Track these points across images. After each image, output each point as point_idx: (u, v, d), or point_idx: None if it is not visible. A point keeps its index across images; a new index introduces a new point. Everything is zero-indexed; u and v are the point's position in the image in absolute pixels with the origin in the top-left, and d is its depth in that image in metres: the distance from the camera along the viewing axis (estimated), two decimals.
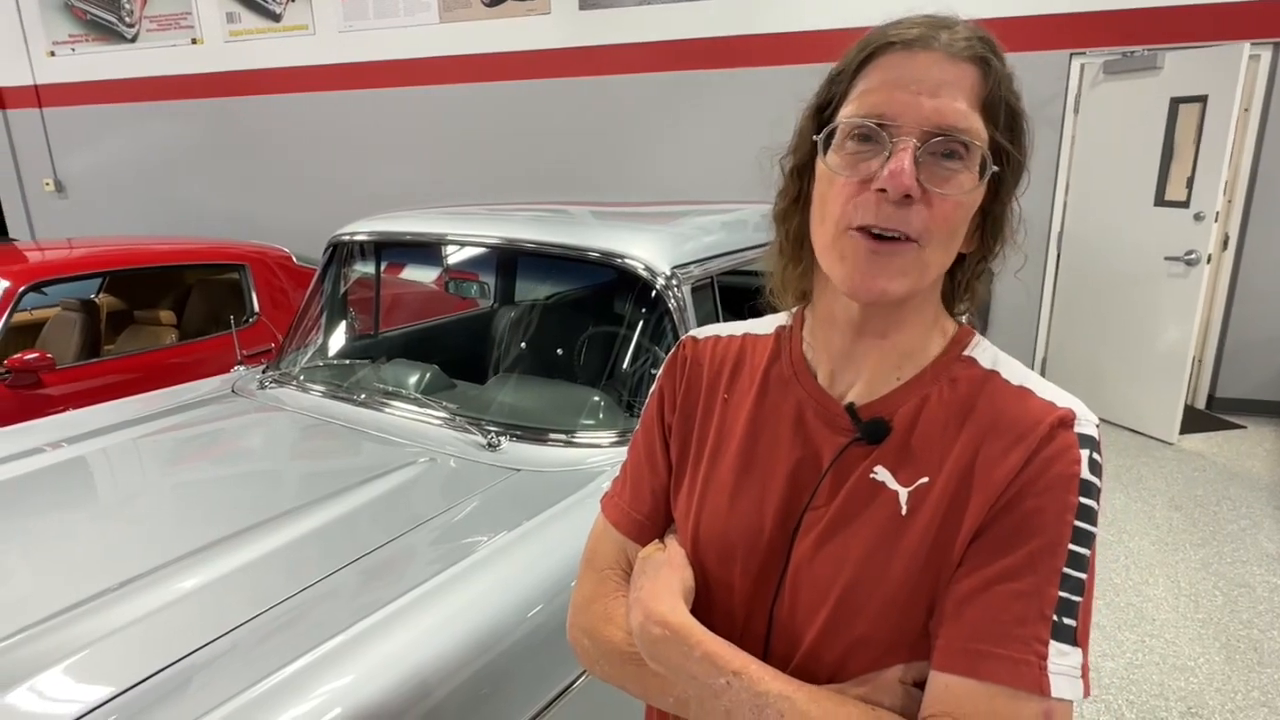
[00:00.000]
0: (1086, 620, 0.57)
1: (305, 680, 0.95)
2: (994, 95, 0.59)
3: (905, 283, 0.59)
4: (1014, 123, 0.60)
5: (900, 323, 0.63)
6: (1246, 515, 3.25)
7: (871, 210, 0.57)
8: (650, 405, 0.77)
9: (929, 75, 0.57)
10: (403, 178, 5.53)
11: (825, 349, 0.68)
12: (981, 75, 0.58)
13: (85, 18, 5.94)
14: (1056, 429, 0.58)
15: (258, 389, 2.00)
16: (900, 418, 0.63)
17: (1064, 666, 0.55)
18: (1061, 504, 0.57)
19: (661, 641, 0.63)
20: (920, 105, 0.57)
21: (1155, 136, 3.86)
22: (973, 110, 0.58)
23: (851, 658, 0.61)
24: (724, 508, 0.68)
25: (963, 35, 0.59)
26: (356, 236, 2.17)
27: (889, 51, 0.59)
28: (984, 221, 0.62)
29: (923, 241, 0.58)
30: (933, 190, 0.57)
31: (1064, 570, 0.56)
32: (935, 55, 0.57)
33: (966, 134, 0.57)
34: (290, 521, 1.33)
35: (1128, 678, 2.28)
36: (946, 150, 0.57)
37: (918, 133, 0.56)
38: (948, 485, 0.60)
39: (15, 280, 2.88)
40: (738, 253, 1.96)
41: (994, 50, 0.60)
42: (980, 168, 0.58)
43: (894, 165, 0.56)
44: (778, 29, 4.58)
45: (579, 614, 0.73)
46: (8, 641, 1.05)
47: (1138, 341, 4.08)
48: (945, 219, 0.58)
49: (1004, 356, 0.65)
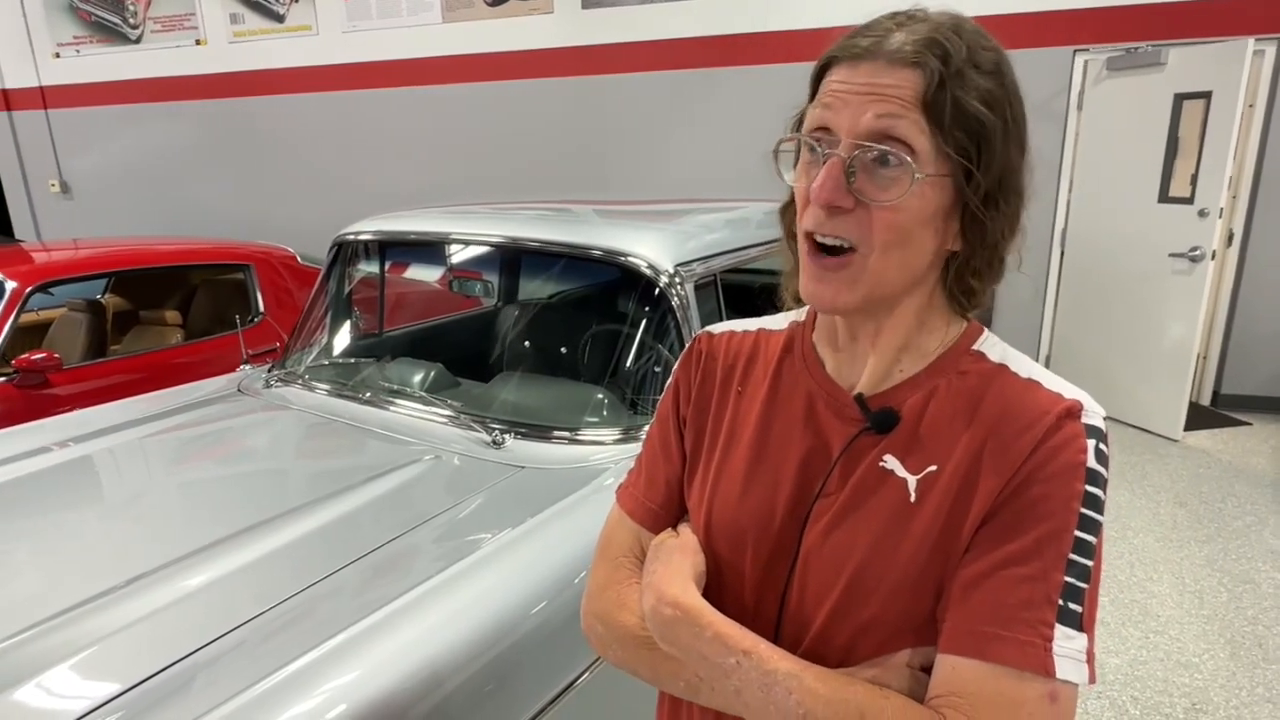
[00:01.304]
0: (1093, 607, 0.58)
1: (310, 677, 0.96)
2: (937, 97, 0.57)
3: (858, 291, 0.60)
4: (968, 122, 0.58)
5: (889, 326, 0.65)
6: (1251, 512, 3.24)
7: (812, 217, 0.61)
8: (665, 398, 0.79)
9: (865, 83, 0.58)
10: (406, 177, 5.54)
11: (830, 344, 0.70)
12: (922, 77, 0.57)
13: (90, 19, 5.96)
14: (1064, 419, 0.59)
15: (263, 388, 2.00)
16: (909, 408, 0.64)
17: (1069, 650, 0.55)
18: (1068, 491, 0.57)
19: (673, 622, 0.64)
20: (853, 116, 0.58)
21: (1159, 133, 3.84)
22: (909, 115, 0.57)
23: (860, 641, 0.62)
24: (736, 496, 0.70)
25: (912, 38, 0.58)
26: (361, 236, 2.18)
27: (836, 65, 0.61)
28: (961, 220, 0.62)
29: (863, 250, 0.59)
30: (870, 200, 0.58)
31: (1070, 556, 0.57)
32: (875, 65, 0.58)
33: (891, 142, 0.57)
34: (295, 519, 1.34)
35: (1132, 674, 2.28)
36: (879, 158, 0.58)
37: (848, 144, 0.58)
38: (956, 473, 0.61)
39: (22, 281, 2.89)
40: (741, 250, 1.96)
41: (943, 50, 0.57)
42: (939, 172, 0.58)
43: (820, 179, 0.59)
44: (780, 27, 4.57)
45: (593, 600, 0.75)
46: (15, 639, 1.05)
47: (1142, 338, 4.07)
48: (886, 226, 0.59)
49: (1013, 352, 0.66)
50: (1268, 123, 4.04)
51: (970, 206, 0.60)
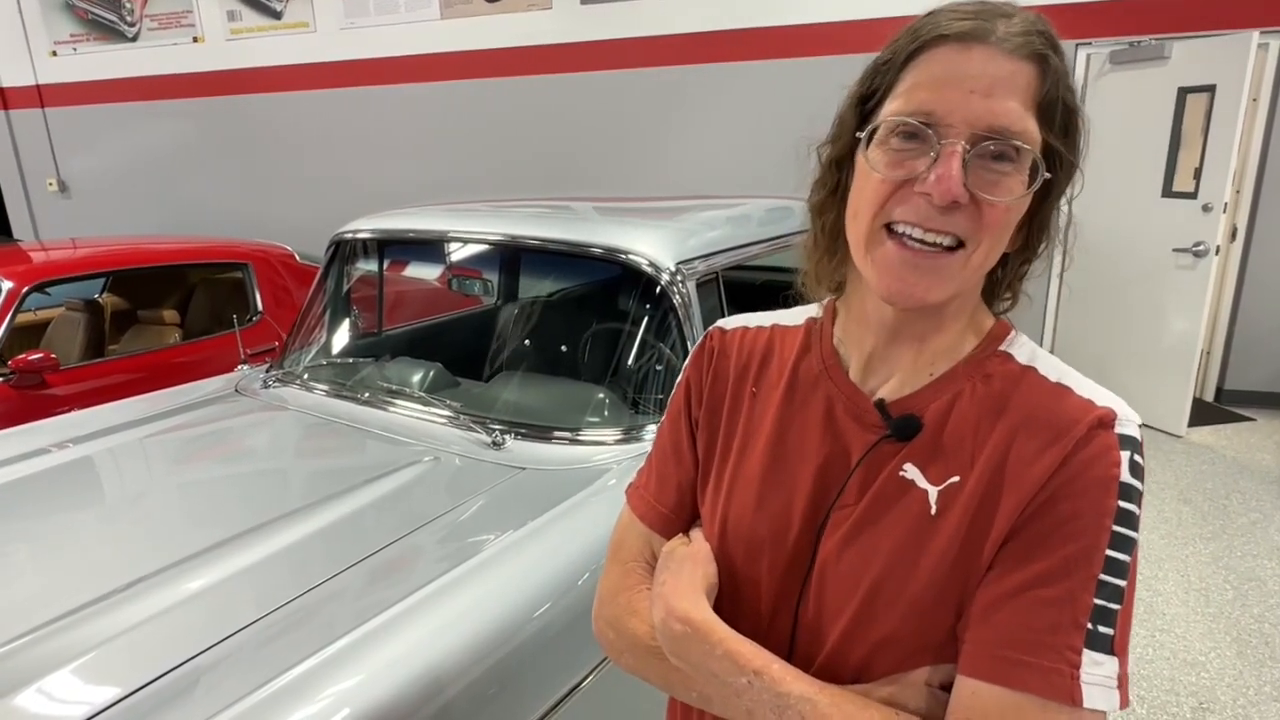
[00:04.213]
0: (1126, 628, 0.55)
1: (313, 681, 0.95)
2: (1050, 95, 0.55)
3: (948, 288, 0.57)
4: (1069, 122, 0.57)
5: (938, 326, 0.62)
6: (1257, 508, 3.23)
7: (914, 210, 0.55)
8: (677, 396, 0.76)
9: (983, 72, 0.54)
10: (404, 175, 5.52)
11: (857, 346, 0.66)
12: (1039, 73, 0.55)
13: (86, 17, 5.93)
14: (1095, 429, 0.56)
15: (261, 388, 1.99)
16: (932, 414, 0.61)
17: (1098, 676, 0.53)
18: (1100, 508, 0.54)
19: (682, 638, 0.62)
20: (971, 105, 0.54)
21: (1163, 127, 3.83)
22: (1027, 111, 0.55)
23: (877, 658, 0.60)
24: (751, 504, 0.67)
25: (1019, 29, 0.55)
26: (359, 234, 2.16)
27: (941, 44, 0.55)
28: (1030, 221, 0.60)
29: (969, 247, 0.56)
30: (981, 196, 0.54)
31: (1100, 577, 0.54)
32: (990, 51, 0.54)
33: (1019, 137, 0.54)
34: (295, 521, 1.33)
35: (1138, 673, 2.27)
36: (997, 153, 0.54)
37: (967, 134, 0.54)
38: (979, 485, 0.58)
39: (19, 281, 2.87)
40: (742, 248, 1.95)
41: (1053, 45, 0.56)
42: (1032, 172, 0.55)
43: (941, 170, 0.53)
44: (782, 22, 4.55)
45: (604, 606, 0.73)
46: (15, 643, 1.04)
47: (1146, 334, 4.05)
48: (993, 225, 0.56)
49: (1042, 352, 0.64)
50: (1272, 116, 4.02)
51: (1043, 208, 0.59)
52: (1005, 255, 0.61)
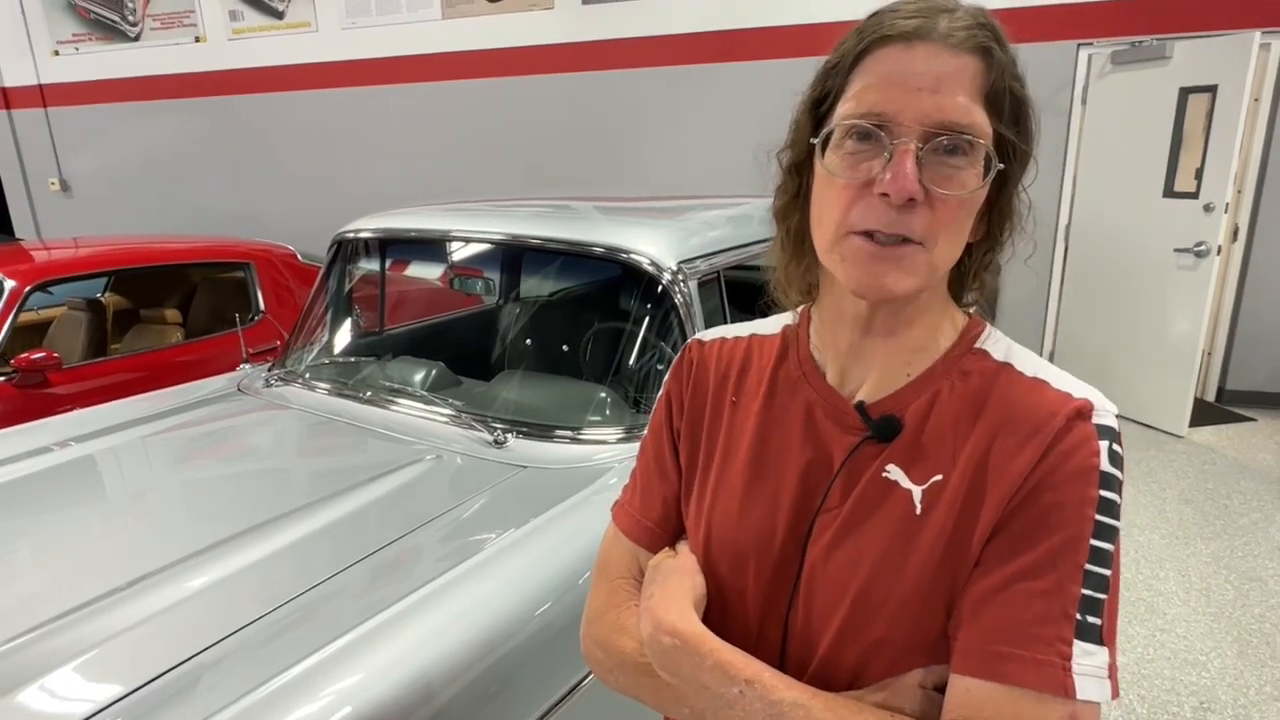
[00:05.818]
0: (1113, 618, 0.55)
1: (314, 679, 0.95)
2: (997, 86, 0.56)
3: (913, 281, 0.57)
4: (1019, 112, 0.58)
5: (909, 319, 0.62)
6: (1258, 508, 3.23)
7: (874, 215, 0.56)
8: (658, 410, 0.76)
9: (929, 69, 0.54)
10: (406, 174, 5.53)
11: (833, 346, 0.66)
12: (984, 66, 0.56)
13: (89, 17, 5.94)
14: (1074, 420, 0.56)
15: (263, 387, 1.99)
16: (912, 414, 0.61)
17: (1089, 667, 0.53)
18: (1081, 497, 0.55)
19: (672, 651, 0.61)
20: (920, 102, 0.54)
21: (1164, 127, 3.82)
22: (975, 103, 0.55)
23: (869, 662, 0.60)
24: (735, 513, 0.67)
25: (963, 23, 0.56)
26: (361, 234, 2.17)
27: (886, 44, 0.56)
28: (990, 211, 0.61)
29: (927, 244, 0.56)
30: (936, 191, 0.55)
31: (1086, 566, 0.54)
32: (934, 47, 0.55)
33: (969, 130, 0.55)
34: (297, 520, 1.33)
35: (1138, 673, 2.27)
36: (950, 147, 0.55)
37: (919, 131, 0.54)
38: (962, 482, 0.58)
39: (21, 280, 2.88)
40: (744, 247, 1.95)
41: (997, 37, 0.57)
42: (985, 164, 0.56)
43: (896, 169, 0.54)
44: (784, 22, 4.55)
45: (591, 625, 0.72)
46: (17, 641, 1.05)
47: (1147, 334, 4.05)
48: (949, 219, 0.56)
49: (1018, 348, 0.64)
50: (1273, 117, 4.01)
51: (1001, 198, 0.59)
52: (969, 246, 0.62)
